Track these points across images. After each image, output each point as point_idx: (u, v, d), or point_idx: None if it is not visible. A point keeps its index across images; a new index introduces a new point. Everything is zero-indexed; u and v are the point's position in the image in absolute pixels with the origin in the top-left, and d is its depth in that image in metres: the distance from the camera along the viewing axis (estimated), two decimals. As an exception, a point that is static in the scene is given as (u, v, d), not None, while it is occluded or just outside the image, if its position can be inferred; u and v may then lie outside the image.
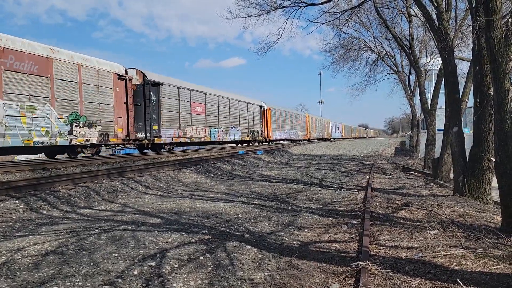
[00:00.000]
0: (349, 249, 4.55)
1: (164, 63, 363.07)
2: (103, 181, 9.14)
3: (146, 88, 17.85)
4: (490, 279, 3.32)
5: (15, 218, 6.09)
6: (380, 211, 6.47)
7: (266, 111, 34.31)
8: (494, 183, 6.10)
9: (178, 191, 9.29)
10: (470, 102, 10.30)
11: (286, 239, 4.95)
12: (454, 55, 9.92)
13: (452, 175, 9.41)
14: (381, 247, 4.49)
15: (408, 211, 6.34)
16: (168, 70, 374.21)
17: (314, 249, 4.56)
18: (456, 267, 3.65)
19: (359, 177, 12.38)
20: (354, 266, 3.71)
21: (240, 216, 6.03)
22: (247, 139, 29.88)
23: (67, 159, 14.08)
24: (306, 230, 5.42)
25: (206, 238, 4.59)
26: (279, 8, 11.44)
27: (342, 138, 67.20)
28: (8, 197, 6.85)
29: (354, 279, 3.50)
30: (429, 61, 23.96)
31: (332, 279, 3.58)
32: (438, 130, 17.63)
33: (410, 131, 37.76)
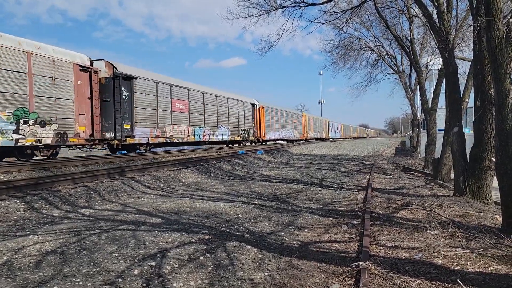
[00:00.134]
0: (349, 249, 4.55)
1: (164, 63, 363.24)
2: (104, 180, 9.15)
3: (116, 82, 15.67)
4: (491, 279, 3.32)
5: (15, 217, 6.10)
6: (380, 211, 6.47)
7: (259, 110, 32.44)
8: (495, 183, 6.10)
9: (178, 190, 9.29)
10: (470, 102, 10.29)
11: (286, 239, 4.95)
12: (455, 55, 9.91)
13: (452, 175, 9.41)
14: (381, 247, 4.49)
15: (409, 211, 6.34)
16: (168, 70, 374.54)
17: (314, 249, 4.56)
18: (456, 268, 3.65)
19: (360, 177, 12.38)
20: (354, 266, 3.71)
21: (240, 216, 6.03)
22: (237, 139, 27.69)
23: (67, 158, 14.10)
24: (306, 230, 5.43)
25: (206, 238, 4.60)
26: (279, 8, 11.44)
27: (341, 138, 66.22)
28: (9, 196, 6.86)
29: (354, 279, 3.50)
30: (429, 61, 23.93)
31: (332, 279, 3.58)
32: (439, 130, 17.62)
33: (411, 131, 37.73)
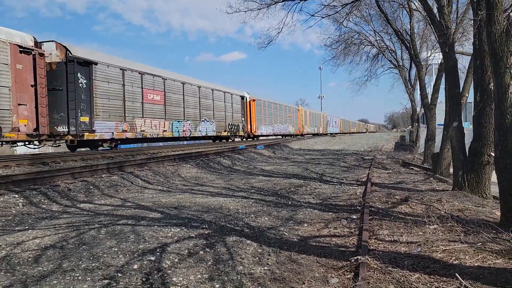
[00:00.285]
0: (348, 243, 4.56)
1: (164, 57, 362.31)
2: (103, 175, 9.15)
3: (69, 68, 13.45)
4: (489, 273, 3.33)
5: (14, 212, 6.10)
6: (379, 206, 6.48)
7: (250, 103, 30.19)
8: (494, 178, 6.11)
9: (178, 185, 9.30)
10: (470, 96, 10.26)
11: (286, 233, 4.96)
12: (455, 49, 9.87)
13: (451, 170, 9.41)
14: (380, 242, 4.50)
15: (408, 206, 6.35)
16: (168, 64, 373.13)
17: (314, 243, 4.57)
18: (455, 262, 3.66)
19: (359, 172, 12.39)
20: (353, 260, 3.72)
21: (240, 210, 6.04)
22: (224, 134, 25.51)
23: (67, 153, 14.08)
24: (305, 225, 5.44)
25: (206, 232, 4.60)
26: (279, 2, 11.35)
27: (340, 133, 65.08)
28: (8, 191, 6.86)
29: (353, 273, 3.51)
30: (429, 55, 23.86)
31: (331, 273, 3.60)
32: (438, 125, 17.60)
33: (410, 126, 37.73)
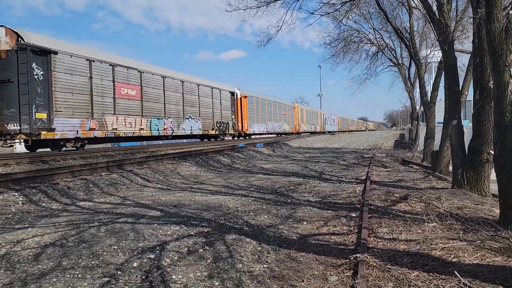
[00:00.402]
0: (347, 241, 4.57)
1: (163, 55, 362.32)
2: (103, 173, 9.15)
3: (21, 57, 11.97)
4: (488, 271, 3.34)
5: (14, 210, 6.10)
6: (378, 204, 6.49)
7: (241, 99, 28.76)
8: (493, 176, 6.12)
9: (177, 184, 9.30)
10: (469, 95, 10.25)
11: (285, 231, 4.97)
12: (454, 47, 9.87)
13: (451, 168, 9.42)
14: (379, 240, 4.51)
15: (407, 204, 6.36)
16: (167, 62, 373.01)
17: (313, 241, 4.58)
18: (453, 260, 3.67)
19: (358, 170, 12.41)
20: (352, 258, 3.73)
21: (240, 209, 6.04)
22: (211, 132, 24.03)
23: (67, 152, 14.07)
24: (305, 223, 5.45)
25: (206, 230, 4.61)
26: (278, 0, 11.35)
27: (338, 132, 64.13)
28: (7, 189, 6.86)
29: (352, 271, 3.52)
30: (429, 53, 23.84)
31: (330, 271, 3.60)
32: (438, 123, 17.60)
33: (410, 124, 37.73)
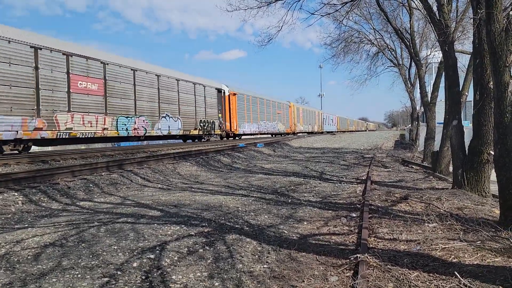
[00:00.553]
0: (348, 241, 4.57)
1: (164, 54, 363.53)
2: (103, 173, 9.15)
3: None
4: (488, 271, 3.34)
5: (14, 210, 6.10)
6: (379, 204, 6.49)
7: (229, 97, 26.44)
8: (493, 176, 6.11)
9: (177, 183, 9.30)
10: (470, 95, 10.23)
11: (286, 231, 4.97)
12: (455, 48, 9.86)
13: (451, 168, 9.42)
14: (379, 240, 4.51)
15: (407, 204, 6.36)
16: (168, 62, 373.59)
17: (313, 241, 4.58)
18: (454, 260, 3.67)
19: (359, 170, 12.40)
20: (353, 258, 3.73)
21: (240, 209, 6.04)
22: (194, 133, 21.67)
23: (66, 151, 14.07)
24: (305, 223, 5.44)
25: (206, 230, 4.61)
26: (279, 0, 11.34)
27: (337, 132, 62.24)
28: (7, 189, 6.86)
29: (352, 271, 3.52)
30: (429, 54, 23.81)
31: (331, 271, 3.60)
32: (438, 123, 17.60)
33: (410, 125, 37.72)
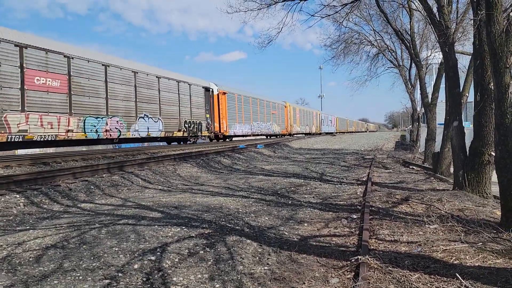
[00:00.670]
0: (348, 243, 4.57)
1: (164, 55, 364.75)
2: (104, 175, 9.16)
3: None
4: (489, 273, 3.33)
5: (15, 212, 6.11)
6: (380, 206, 6.48)
7: (218, 96, 24.76)
8: (494, 177, 6.11)
9: (178, 185, 9.30)
10: (470, 96, 10.24)
11: (286, 233, 4.97)
12: (455, 49, 9.86)
13: (452, 169, 9.41)
14: (380, 242, 4.51)
15: (408, 206, 6.36)
16: (169, 63, 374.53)
17: (314, 243, 4.58)
18: (455, 262, 3.67)
19: (359, 171, 12.40)
20: (353, 260, 3.73)
21: (240, 210, 6.05)
22: (177, 134, 19.99)
23: (68, 153, 14.09)
24: (306, 224, 5.45)
25: (207, 232, 4.61)
26: (279, 2, 11.35)
27: (336, 133, 60.57)
28: (9, 191, 6.87)
29: (353, 273, 3.52)
30: (429, 55, 23.80)
31: (331, 273, 3.60)
32: (439, 124, 17.59)
33: (411, 125, 37.71)
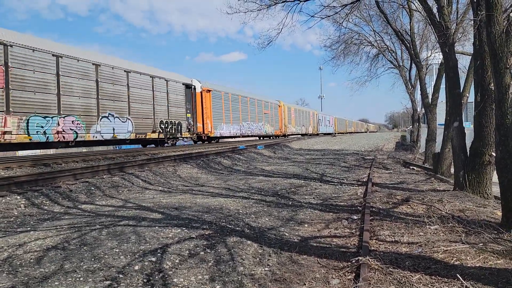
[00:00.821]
0: (349, 244, 4.57)
1: (164, 55, 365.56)
2: (104, 176, 9.16)
3: None
4: (490, 274, 3.33)
5: (16, 213, 6.11)
6: (380, 206, 6.48)
7: (202, 94, 22.74)
8: (495, 178, 6.10)
9: (178, 186, 9.30)
10: (471, 96, 10.25)
11: (287, 234, 4.97)
12: (455, 49, 9.86)
13: (452, 170, 9.40)
14: (381, 242, 4.50)
15: (409, 206, 6.35)
16: (169, 64, 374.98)
17: (315, 244, 4.57)
18: (456, 262, 3.66)
19: (360, 172, 12.39)
20: (354, 261, 3.72)
21: (241, 211, 6.04)
22: (151, 136, 17.83)
23: (68, 154, 14.09)
24: (306, 225, 5.44)
25: (207, 233, 4.61)
26: (279, 3, 11.34)
27: (337, 134, 59.34)
28: (10, 192, 6.88)
29: (354, 274, 3.51)
30: (430, 55, 23.80)
31: (332, 274, 3.60)
32: (439, 124, 17.58)
33: (411, 126, 37.68)
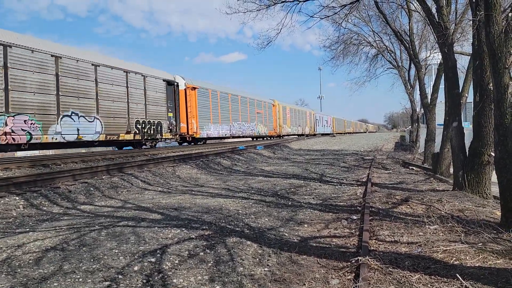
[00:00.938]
0: (349, 244, 4.57)
1: (164, 56, 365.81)
2: (103, 177, 9.15)
3: None
4: (489, 274, 3.33)
5: (15, 214, 6.10)
6: (380, 206, 6.48)
7: (186, 92, 21.22)
8: (494, 178, 6.11)
9: (177, 186, 9.30)
10: (470, 96, 10.24)
11: (286, 234, 4.97)
12: (454, 49, 9.88)
13: (452, 170, 9.41)
14: (380, 242, 4.50)
15: (408, 206, 6.35)
16: (168, 64, 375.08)
17: (314, 244, 4.57)
18: (455, 262, 3.66)
19: (359, 172, 12.39)
20: (354, 261, 3.72)
21: (240, 211, 6.04)
22: (125, 137, 16.33)
23: (67, 155, 14.08)
24: (306, 226, 5.44)
25: (206, 233, 4.61)
26: (278, 3, 11.36)
27: (336, 134, 57.70)
28: (8, 193, 6.86)
29: (354, 274, 3.51)
30: (429, 55, 23.86)
31: (332, 274, 3.60)
32: (438, 124, 17.60)
33: (410, 126, 37.73)
